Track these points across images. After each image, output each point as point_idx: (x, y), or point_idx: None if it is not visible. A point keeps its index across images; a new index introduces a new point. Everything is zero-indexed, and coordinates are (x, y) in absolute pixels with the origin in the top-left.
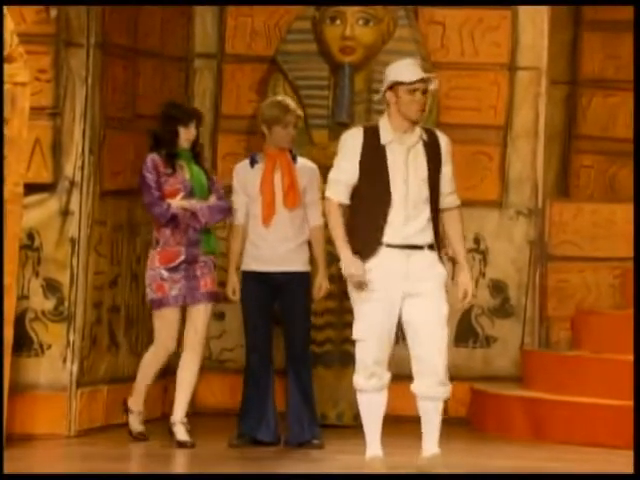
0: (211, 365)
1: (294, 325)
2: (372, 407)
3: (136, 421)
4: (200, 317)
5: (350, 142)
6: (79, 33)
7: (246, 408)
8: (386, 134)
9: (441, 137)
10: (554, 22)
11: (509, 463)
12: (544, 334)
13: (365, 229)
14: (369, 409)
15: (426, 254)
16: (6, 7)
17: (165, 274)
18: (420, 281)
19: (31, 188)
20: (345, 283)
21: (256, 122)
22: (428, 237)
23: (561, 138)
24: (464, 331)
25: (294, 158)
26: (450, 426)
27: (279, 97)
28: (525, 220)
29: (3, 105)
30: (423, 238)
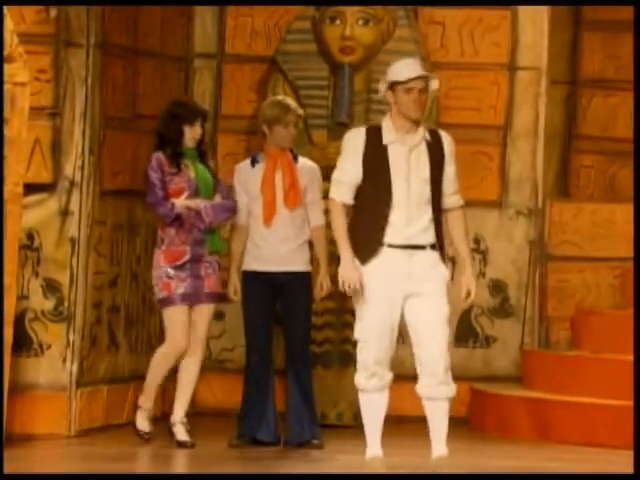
0: (211, 365)
1: (294, 325)
2: (373, 407)
3: (143, 419)
4: (202, 317)
5: (352, 142)
6: (79, 33)
7: (246, 408)
8: (388, 134)
9: (444, 137)
10: (554, 22)
11: (509, 463)
12: (544, 334)
13: (367, 229)
14: (370, 409)
15: (428, 254)
16: (6, 7)
17: (171, 272)
18: (422, 281)
19: (31, 188)
20: None
21: (257, 122)
22: (430, 237)
23: (561, 138)
24: (464, 331)
25: (295, 158)
26: (450, 426)
27: (280, 97)
28: (525, 220)
29: (3, 105)
30: (425, 238)
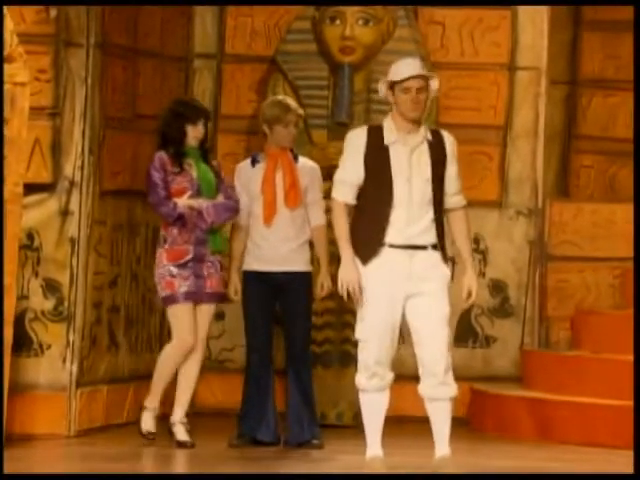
0: (211, 365)
1: (295, 325)
2: (373, 407)
3: (148, 419)
4: (203, 317)
5: (354, 142)
6: (79, 33)
7: (246, 408)
8: (389, 134)
9: (446, 137)
10: (554, 22)
11: (509, 463)
12: (544, 334)
13: (368, 229)
14: (370, 409)
15: (430, 254)
16: (6, 7)
17: (174, 270)
18: (423, 281)
19: (31, 188)
20: None
21: (257, 122)
22: (432, 237)
23: (561, 138)
24: (464, 331)
25: (295, 157)
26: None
27: (280, 97)
28: (525, 220)
29: (3, 105)
30: (426, 238)
